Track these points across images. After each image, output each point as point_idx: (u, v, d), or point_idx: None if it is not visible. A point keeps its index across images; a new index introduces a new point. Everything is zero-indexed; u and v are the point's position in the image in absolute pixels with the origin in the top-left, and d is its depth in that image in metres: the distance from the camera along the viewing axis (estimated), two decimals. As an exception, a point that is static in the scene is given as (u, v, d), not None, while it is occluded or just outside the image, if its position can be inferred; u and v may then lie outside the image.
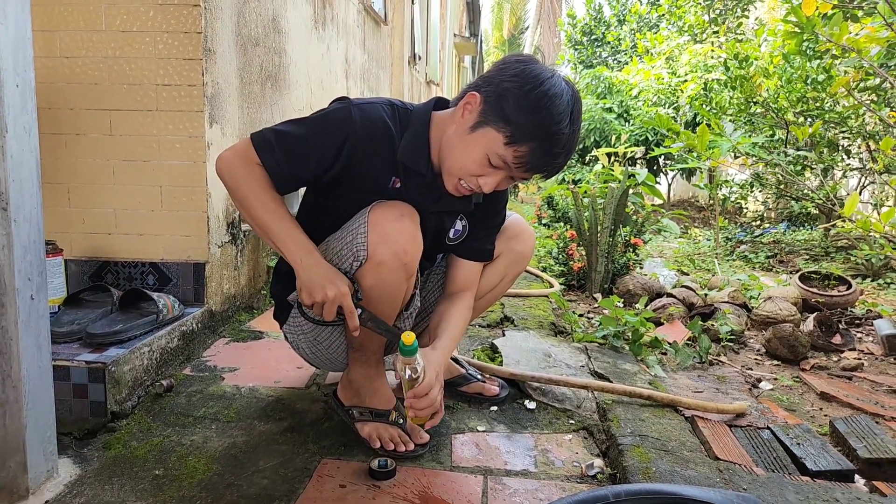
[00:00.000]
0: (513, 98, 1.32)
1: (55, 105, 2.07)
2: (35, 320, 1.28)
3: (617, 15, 15.82)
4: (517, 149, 1.33)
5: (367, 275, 1.44)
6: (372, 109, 1.43)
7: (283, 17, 2.92)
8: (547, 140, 1.33)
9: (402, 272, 1.44)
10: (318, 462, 1.48)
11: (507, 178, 1.42)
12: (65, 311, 1.87)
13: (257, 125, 2.65)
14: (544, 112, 1.31)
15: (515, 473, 1.47)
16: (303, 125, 1.43)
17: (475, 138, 1.36)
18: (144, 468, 1.43)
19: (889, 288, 4.01)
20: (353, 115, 1.40)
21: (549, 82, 1.33)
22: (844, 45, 3.06)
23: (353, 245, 1.42)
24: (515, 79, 1.33)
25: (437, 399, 1.37)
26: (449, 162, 1.43)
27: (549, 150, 1.34)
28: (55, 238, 1.97)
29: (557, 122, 1.32)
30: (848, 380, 2.31)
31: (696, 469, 1.41)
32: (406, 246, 1.42)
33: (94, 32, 2.03)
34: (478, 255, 1.67)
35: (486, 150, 1.35)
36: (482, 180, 1.39)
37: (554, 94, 1.32)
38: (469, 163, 1.38)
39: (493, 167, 1.37)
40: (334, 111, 1.43)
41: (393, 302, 1.49)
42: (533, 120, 1.31)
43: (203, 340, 2.16)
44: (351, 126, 1.40)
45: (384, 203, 1.44)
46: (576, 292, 3.71)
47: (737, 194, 6.88)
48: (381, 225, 1.40)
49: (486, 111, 1.35)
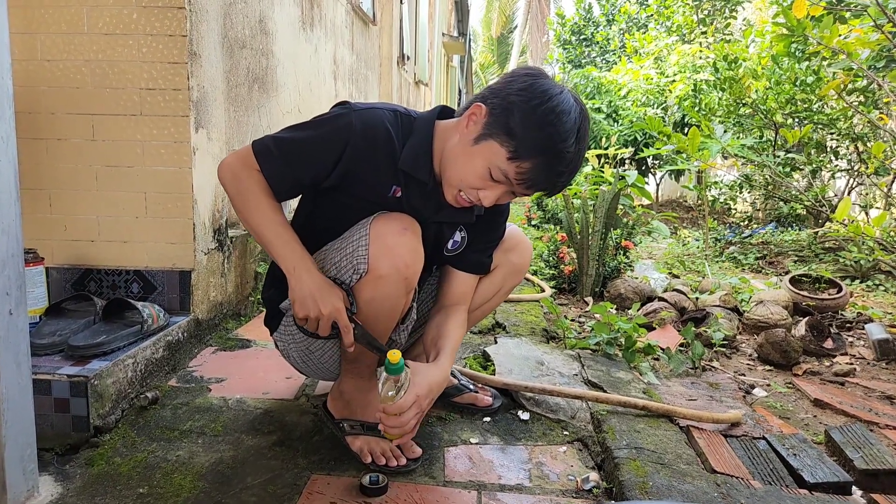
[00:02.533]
0: (519, 112, 1.28)
1: (35, 109, 2.01)
2: (14, 336, 1.24)
3: (606, 15, 15.85)
4: (520, 164, 1.29)
5: (366, 288, 1.40)
6: (373, 116, 1.40)
7: (269, 18, 2.88)
8: (551, 157, 1.29)
9: (403, 286, 1.41)
10: (307, 478, 1.44)
11: (507, 193, 1.38)
12: (46, 321, 1.82)
13: (244, 129, 2.61)
14: (550, 128, 1.27)
15: (510, 488, 1.44)
16: (303, 131, 1.41)
17: (478, 150, 1.33)
18: (128, 486, 1.39)
19: (878, 290, 4.02)
20: (354, 121, 1.37)
21: (557, 98, 1.29)
22: (835, 47, 3.06)
23: (354, 257, 1.39)
24: (523, 93, 1.30)
25: (408, 422, 1.31)
26: (450, 172, 1.39)
27: (553, 167, 1.30)
28: (36, 246, 1.93)
29: (563, 140, 1.28)
30: (840, 385, 2.30)
31: (693, 483, 1.39)
32: (408, 260, 1.38)
33: (75, 35, 1.98)
34: (476, 267, 1.64)
35: (489, 163, 1.32)
36: (482, 194, 1.36)
37: (562, 110, 1.28)
38: (470, 175, 1.35)
39: (495, 181, 1.33)
40: (335, 117, 1.39)
41: (391, 316, 1.46)
42: (538, 136, 1.27)
43: (189, 350, 2.12)
44: (351, 133, 1.37)
45: (386, 215, 1.41)
46: (566, 296, 3.69)
47: (726, 195, 6.89)
48: (383, 238, 1.37)
49: (490, 123, 1.32)
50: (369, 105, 1.43)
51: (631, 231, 3.93)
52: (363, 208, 1.43)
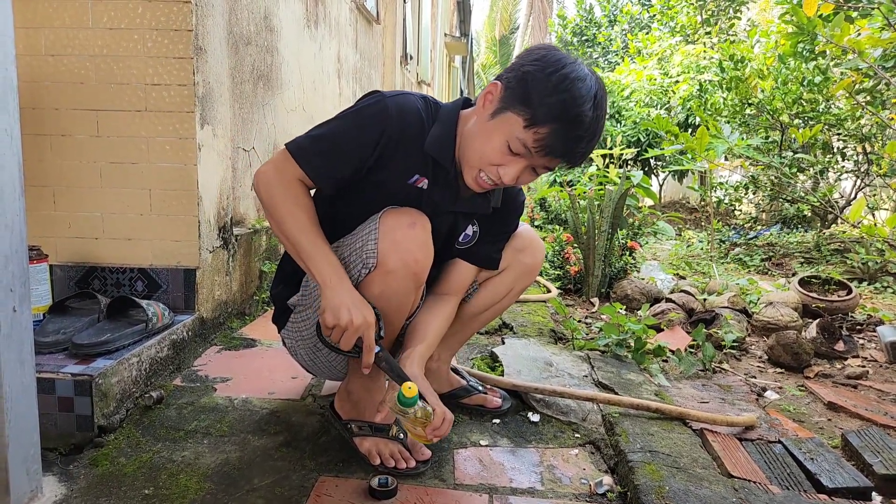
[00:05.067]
0: (533, 81, 1.27)
1: (39, 105, 1.98)
2: (18, 333, 1.21)
3: (608, 15, 15.81)
4: (537, 130, 1.26)
5: (375, 282, 1.38)
6: (407, 101, 1.39)
7: (274, 15, 2.85)
8: (568, 122, 1.26)
9: (412, 281, 1.39)
10: (315, 479, 1.41)
11: (528, 169, 1.35)
12: (50, 319, 1.80)
13: (249, 126, 2.58)
14: (565, 94, 1.24)
15: (521, 491, 1.41)
16: (338, 124, 1.38)
17: (495, 125, 1.31)
18: (133, 487, 1.36)
19: (886, 292, 3.99)
20: (389, 107, 1.35)
21: (571, 66, 1.27)
22: (845, 46, 3.03)
23: (363, 251, 1.37)
24: (537, 62, 1.28)
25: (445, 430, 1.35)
26: (469, 153, 1.37)
27: (571, 132, 1.27)
28: (40, 243, 1.90)
29: (580, 105, 1.25)
30: (853, 388, 2.27)
31: (710, 488, 1.36)
32: (417, 255, 1.36)
33: (80, 30, 1.96)
34: (485, 261, 1.62)
35: (507, 136, 1.29)
36: (502, 171, 1.33)
37: (576, 77, 1.26)
38: (489, 151, 1.32)
39: (514, 154, 1.31)
40: (368, 105, 1.37)
41: (400, 311, 1.43)
42: (554, 101, 1.25)
43: (194, 349, 2.09)
44: (387, 119, 1.34)
45: (396, 209, 1.39)
46: (572, 296, 3.66)
47: (731, 196, 6.86)
48: (392, 232, 1.35)
49: (506, 97, 1.30)
50: (400, 91, 1.42)
51: (637, 232, 3.90)
52: (382, 200, 1.40)
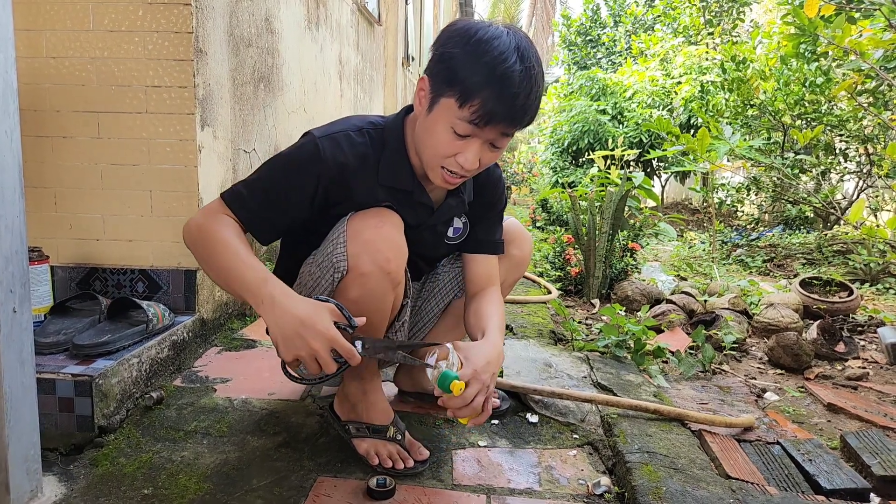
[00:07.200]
0: (451, 58, 1.24)
1: (40, 107, 2.00)
2: (18, 334, 1.22)
3: (614, 15, 15.78)
4: (472, 104, 1.23)
5: (349, 287, 1.36)
6: (341, 137, 1.36)
7: (275, 17, 2.86)
8: (498, 83, 1.22)
9: (387, 282, 1.36)
10: (314, 480, 1.42)
11: (485, 146, 1.30)
12: (51, 320, 1.81)
13: (250, 128, 2.59)
14: (485, 57, 1.21)
15: (519, 492, 1.41)
16: (271, 169, 1.36)
17: (434, 117, 1.29)
18: (133, 487, 1.37)
19: (888, 293, 3.98)
20: (321, 149, 1.33)
21: (484, 29, 1.24)
22: (846, 47, 3.03)
23: (333, 256, 1.35)
24: (450, 40, 1.26)
25: (471, 398, 1.24)
26: (424, 155, 1.36)
27: (504, 92, 1.22)
28: (41, 244, 1.91)
29: (503, 62, 1.21)
30: (854, 389, 2.27)
31: (707, 489, 1.36)
32: (388, 254, 1.34)
33: (81, 32, 1.97)
34: (489, 247, 1.61)
35: (448, 122, 1.26)
36: (461, 158, 1.30)
37: (490, 36, 1.22)
38: (439, 144, 1.30)
39: (462, 137, 1.27)
40: (299, 149, 1.35)
41: (380, 313, 1.41)
42: (476, 68, 1.21)
43: (194, 350, 2.10)
44: (319, 162, 1.32)
45: (363, 211, 1.37)
46: (573, 298, 3.67)
47: (733, 197, 6.85)
48: (360, 233, 1.33)
49: (434, 85, 1.28)
50: (334, 127, 1.39)
51: (638, 233, 3.90)
52: None
